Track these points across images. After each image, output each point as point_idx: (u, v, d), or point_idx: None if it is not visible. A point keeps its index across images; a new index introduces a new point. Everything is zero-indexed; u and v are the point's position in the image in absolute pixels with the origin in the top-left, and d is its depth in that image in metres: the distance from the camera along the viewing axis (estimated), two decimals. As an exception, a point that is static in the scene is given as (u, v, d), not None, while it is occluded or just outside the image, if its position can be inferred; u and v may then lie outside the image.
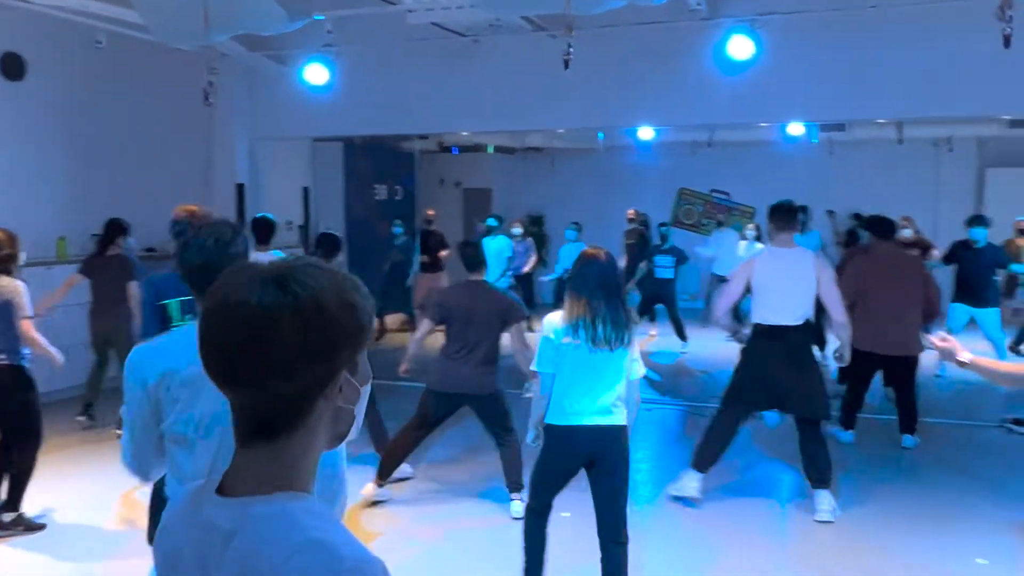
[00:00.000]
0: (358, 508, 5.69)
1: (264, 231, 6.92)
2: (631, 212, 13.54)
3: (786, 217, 5.67)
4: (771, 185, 12.94)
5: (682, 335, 11.43)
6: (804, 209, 10.55)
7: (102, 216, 7.83)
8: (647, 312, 11.93)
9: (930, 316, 7.22)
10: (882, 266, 7.22)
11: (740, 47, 7.76)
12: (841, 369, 8.13)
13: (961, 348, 3.48)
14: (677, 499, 5.88)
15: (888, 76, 8.01)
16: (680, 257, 11.63)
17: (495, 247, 11.54)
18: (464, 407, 5.72)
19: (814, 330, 5.74)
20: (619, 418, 4.03)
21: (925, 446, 7.30)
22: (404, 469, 6.09)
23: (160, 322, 4.14)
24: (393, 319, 12.23)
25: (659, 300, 11.61)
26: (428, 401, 5.66)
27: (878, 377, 7.61)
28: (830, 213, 13.49)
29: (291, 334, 1.12)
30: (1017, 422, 7.82)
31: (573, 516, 5.41)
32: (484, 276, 5.63)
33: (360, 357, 1.23)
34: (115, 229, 7.55)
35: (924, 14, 7.55)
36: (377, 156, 14.43)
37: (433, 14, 7.63)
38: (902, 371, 7.21)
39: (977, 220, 9.61)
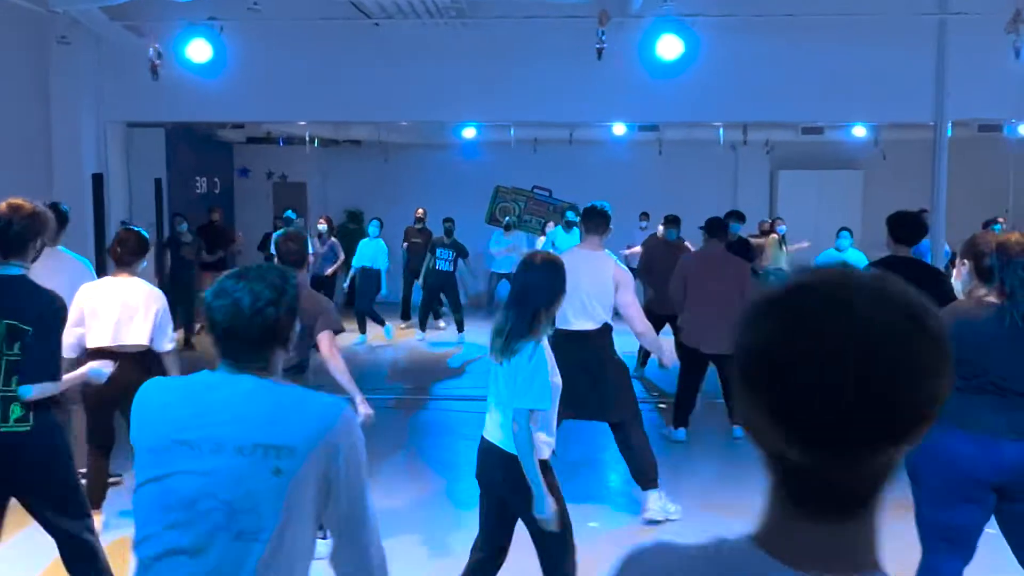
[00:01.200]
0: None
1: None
2: (419, 211, 13.63)
3: (595, 220, 5.63)
4: (597, 183, 13.40)
5: (460, 327, 12.09)
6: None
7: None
8: (432, 305, 12.46)
9: None
10: (708, 264, 7.45)
11: (668, 46, 7.85)
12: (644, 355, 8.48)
13: None
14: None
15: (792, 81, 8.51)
16: (461, 251, 12.20)
17: None
18: None
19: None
20: (508, 443, 3.58)
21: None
22: None
23: None
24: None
25: (441, 291, 12.21)
26: None
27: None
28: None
29: (934, 381, 0.92)
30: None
31: (602, 526, 5.21)
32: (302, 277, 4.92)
33: None
34: None
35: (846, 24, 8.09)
36: (197, 145, 13.07)
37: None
38: (728, 366, 7.39)
39: (733, 216, 10.43)
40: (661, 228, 12.01)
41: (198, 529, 1.94)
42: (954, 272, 3.94)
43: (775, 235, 12.58)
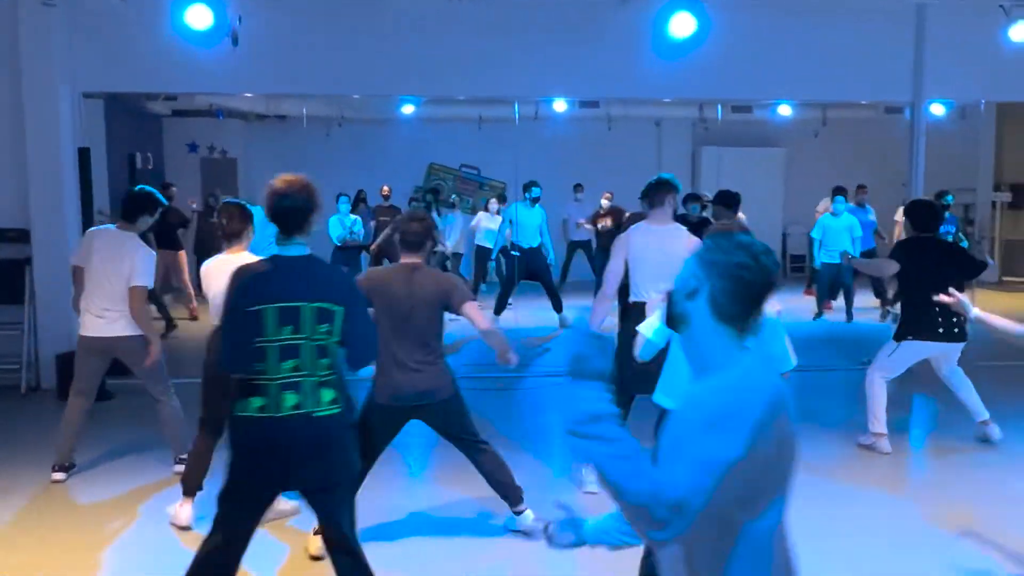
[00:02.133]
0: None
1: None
2: (385, 189, 13.44)
3: (658, 193, 5.64)
4: (530, 160, 13.37)
5: None
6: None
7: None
8: None
9: None
10: None
11: (680, 24, 7.93)
12: None
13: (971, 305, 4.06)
14: None
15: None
16: None
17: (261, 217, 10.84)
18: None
19: None
20: None
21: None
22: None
23: (249, 334, 3.22)
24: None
25: None
26: (374, 421, 4.63)
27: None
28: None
29: None
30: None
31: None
32: (423, 260, 4.77)
33: None
34: None
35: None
36: (131, 118, 12.23)
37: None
38: None
39: (692, 199, 10.76)
40: (606, 202, 12.30)
41: None
42: None
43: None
